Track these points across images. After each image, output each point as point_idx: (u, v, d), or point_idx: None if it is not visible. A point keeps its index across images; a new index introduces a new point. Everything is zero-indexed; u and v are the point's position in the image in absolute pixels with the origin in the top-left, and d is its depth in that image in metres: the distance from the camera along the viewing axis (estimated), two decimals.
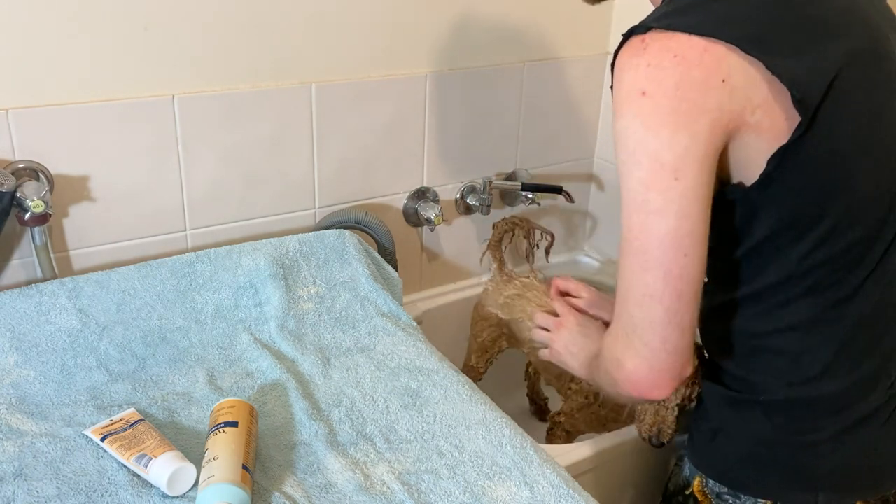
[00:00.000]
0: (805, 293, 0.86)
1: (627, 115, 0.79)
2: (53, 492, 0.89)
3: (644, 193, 0.80)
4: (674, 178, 0.78)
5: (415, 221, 1.58)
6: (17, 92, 1.15)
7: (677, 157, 0.77)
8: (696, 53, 0.77)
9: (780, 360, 0.89)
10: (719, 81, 0.77)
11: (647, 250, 0.81)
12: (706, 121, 0.77)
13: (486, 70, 1.56)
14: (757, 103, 0.78)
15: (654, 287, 0.81)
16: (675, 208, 0.79)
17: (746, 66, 0.77)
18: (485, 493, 0.92)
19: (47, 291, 1.15)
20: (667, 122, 0.77)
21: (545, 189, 1.62)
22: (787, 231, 0.84)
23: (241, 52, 1.30)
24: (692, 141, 0.77)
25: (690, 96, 0.77)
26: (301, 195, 1.44)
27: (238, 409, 0.97)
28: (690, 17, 0.79)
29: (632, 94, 0.79)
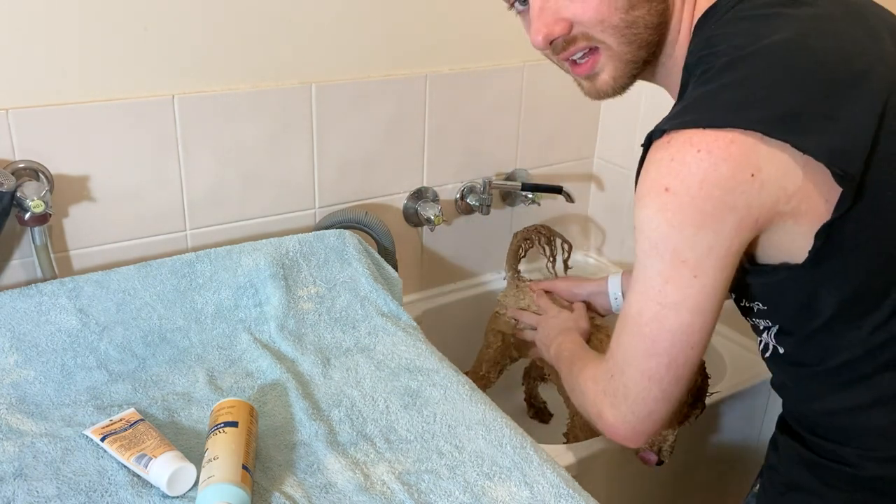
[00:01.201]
0: (885, 367, 0.80)
1: (651, 207, 0.77)
2: (53, 492, 0.89)
3: (661, 286, 0.78)
4: (693, 275, 0.77)
5: (415, 221, 1.58)
6: (17, 92, 1.15)
7: (699, 257, 0.76)
8: (722, 146, 0.73)
9: (869, 436, 0.83)
10: (748, 176, 0.73)
11: (657, 340, 0.81)
12: (733, 219, 0.74)
13: (486, 70, 1.56)
14: (792, 192, 0.74)
15: (655, 371, 0.82)
16: (691, 304, 0.78)
17: (776, 152, 0.72)
18: (485, 493, 0.92)
19: (47, 291, 1.15)
20: (691, 221, 0.74)
21: (545, 189, 1.62)
22: (853, 306, 0.79)
23: (241, 52, 1.30)
24: (716, 240, 0.75)
25: (716, 194, 0.73)
26: (301, 195, 1.44)
27: (238, 409, 0.97)
28: (705, 110, 0.75)
29: (655, 188, 0.76)
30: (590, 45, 0.86)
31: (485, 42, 1.54)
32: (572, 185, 1.79)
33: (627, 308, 0.83)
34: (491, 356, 1.46)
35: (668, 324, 0.79)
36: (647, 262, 0.79)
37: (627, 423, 0.87)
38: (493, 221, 1.71)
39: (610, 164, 1.78)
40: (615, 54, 0.85)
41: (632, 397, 0.85)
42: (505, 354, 1.46)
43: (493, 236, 1.72)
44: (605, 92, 0.91)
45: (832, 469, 0.86)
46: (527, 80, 1.62)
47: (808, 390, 0.87)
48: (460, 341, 1.57)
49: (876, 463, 0.83)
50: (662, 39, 0.86)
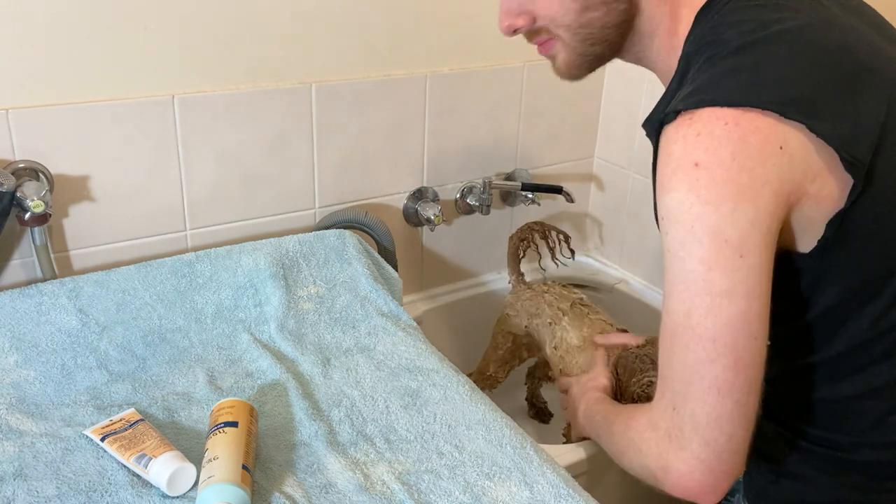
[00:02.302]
0: (882, 357, 0.80)
1: (680, 188, 0.72)
2: (53, 492, 0.89)
3: (706, 273, 0.71)
4: (739, 255, 0.71)
5: (415, 221, 1.58)
6: (17, 92, 1.15)
7: (742, 234, 0.70)
8: (748, 119, 0.71)
9: (863, 423, 0.83)
10: (777, 149, 0.71)
11: (716, 337, 0.72)
12: (769, 192, 0.71)
13: (486, 70, 1.56)
14: (816, 171, 0.72)
15: (723, 378, 0.72)
16: (744, 289, 0.71)
17: (794, 131, 0.71)
18: (485, 493, 0.92)
19: (47, 291, 1.15)
20: (727, 195, 0.70)
21: (545, 189, 1.62)
22: (854, 297, 0.78)
23: (241, 52, 1.30)
24: (756, 215, 0.71)
25: (749, 165, 0.70)
26: (301, 195, 1.44)
27: (238, 409, 0.97)
28: (720, 91, 0.74)
29: (683, 165, 0.72)
30: (549, 37, 0.88)
31: (485, 42, 1.54)
32: (572, 185, 1.79)
33: (670, 318, 0.75)
34: (500, 357, 1.46)
35: (724, 315, 0.72)
36: (684, 254, 0.73)
37: (703, 463, 0.74)
38: (493, 221, 1.71)
39: (610, 164, 1.78)
40: (567, 46, 0.87)
41: (703, 423, 0.74)
42: (514, 355, 1.46)
43: (493, 236, 1.72)
44: (562, 74, 0.92)
45: (824, 455, 0.86)
46: (527, 80, 1.62)
47: (798, 381, 0.86)
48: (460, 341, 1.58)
49: (871, 448, 0.83)
50: (629, 33, 0.86)
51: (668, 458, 0.76)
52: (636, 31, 0.87)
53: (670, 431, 0.76)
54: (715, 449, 0.74)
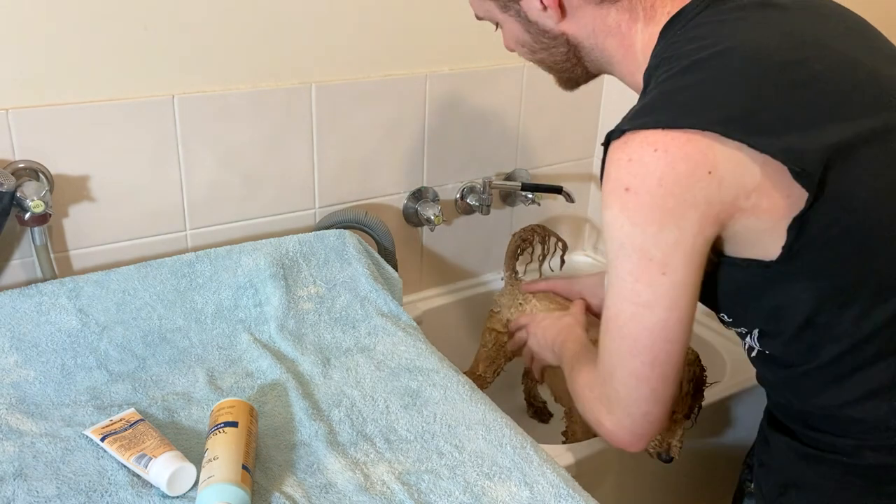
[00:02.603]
0: (876, 358, 0.81)
1: (614, 207, 0.78)
2: (53, 492, 0.89)
3: (633, 284, 0.80)
4: (661, 272, 0.78)
5: (415, 221, 1.58)
6: (17, 92, 1.15)
7: (665, 254, 0.77)
8: (679, 145, 0.74)
9: (863, 427, 0.84)
10: (705, 173, 0.74)
11: (637, 339, 0.82)
12: (694, 215, 0.76)
13: (486, 70, 1.56)
14: (751, 188, 0.75)
15: (641, 371, 0.83)
16: (665, 302, 0.79)
17: (733, 151, 0.74)
18: (485, 493, 0.92)
19: (47, 291, 1.15)
20: (653, 219, 0.76)
21: (545, 189, 1.62)
22: (829, 302, 0.80)
23: (241, 52, 1.30)
24: (681, 236, 0.76)
25: (676, 191, 0.75)
26: (301, 195, 1.44)
27: (238, 409, 0.97)
28: (662, 112, 0.77)
29: (617, 189, 0.78)
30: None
31: (485, 42, 1.54)
32: (572, 185, 1.79)
33: (606, 311, 0.85)
34: (487, 355, 1.47)
35: (645, 322, 0.81)
36: (617, 263, 0.81)
37: (625, 428, 0.88)
38: (493, 221, 1.71)
39: None
40: (544, 69, 1.00)
41: (624, 400, 0.86)
42: (500, 353, 1.47)
43: (493, 236, 1.72)
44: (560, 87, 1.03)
45: (828, 460, 0.86)
46: (527, 80, 1.62)
47: (798, 388, 0.87)
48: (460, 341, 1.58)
49: (872, 452, 0.83)
50: (586, 62, 0.94)
51: (599, 417, 0.91)
52: (592, 61, 0.93)
53: (600, 397, 0.90)
54: (634, 420, 0.86)
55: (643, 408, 0.85)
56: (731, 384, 1.43)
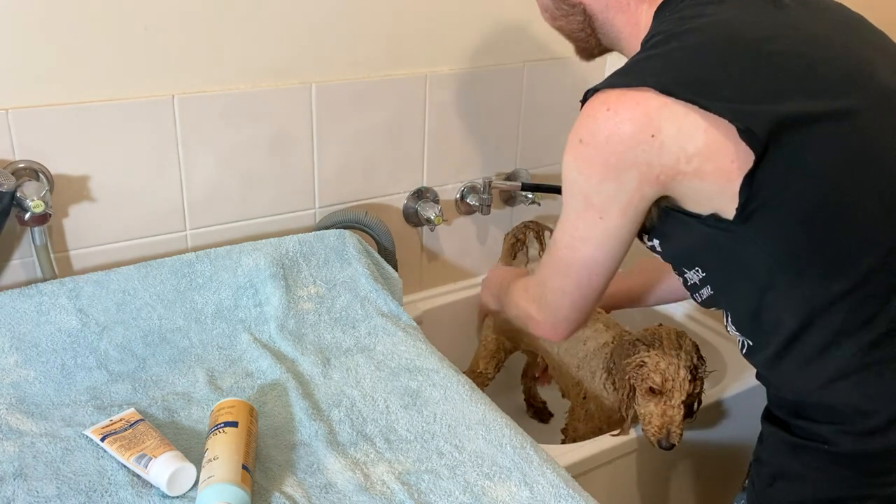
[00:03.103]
0: (838, 336, 0.82)
1: (569, 155, 0.89)
2: (53, 492, 0.89)
3: (574, 221, 0.93)
4: (599, 217, 0.89)
5: (415, 221, 1.58)
6: (17, 92, 1.15)
7: (604, 202, 0.88)
8: (628, 107, 0.81)
9: (841, 412, 0.85)
10: (648, 136, 0.81)
11: (569, 265, 0.97)
12: (634, 174, 0.84)
13: (486, 70, 1.56)
14: (692, 152, 0.80)
15: (567, 287, 1.00)
16: (596, 242, 0.92)
17: (680, 113, 0.79)
18: (485, 493, 0.92)
19: (47, 291, 1.15)
20: (596, 172, 0.86)
21: (545, 189, 1.62)
22: (786, 267, 0.82)
23: (242, 52, 1.30)
24: (618, 190, 0.86)
25: (619, 150, 0.83)
26: (301, 195, 1.44)
27: (238, 409, 0.97)
28: (628, 75, 0.84)
29: (573, 139, 0.88)
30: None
31: (485, 42, 1.54)
32: None
33: (554, 233, 0.99)
34: (487, 352, 1.48)
35: (577, 254, 0.95)
36: (567, 200, 0.93)
37: (548, 323, 1.06)
38: (493, 221, 1.71)
39: None
40: (565, 37, 1.08)
41: (550, 305, 1.04)
42: (499, 348, 1.48)
43: (493, 236, 1.72)
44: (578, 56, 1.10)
45: (812, 449, 0.88)
46: (527, 80, 1.62)
47: (778, 373, 0.90)
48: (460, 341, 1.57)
49: (852, 438, 0.84)
50: (599, 35, 1.01)
51: (530, 311, 1.09)
52: (603, 34, 1.01)
53: (533, 297, 1.08)
54: (557, 319, 1.05)
55: (564, 313, 1.03)
56: (731, 384, 1.43)
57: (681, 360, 1.13)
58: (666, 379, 1.13)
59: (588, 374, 1.29)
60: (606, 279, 0.98)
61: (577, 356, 1.31)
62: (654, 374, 1.13)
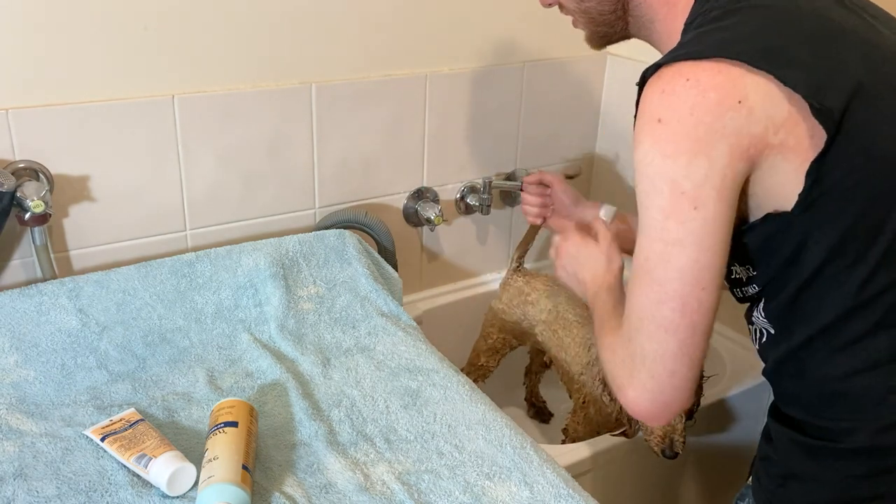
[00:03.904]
0: (877, 326, 0.80)
1: (646, 143, 0.78)
2: (53, 492, 0.89)
3: (663, 222, 0.78)
4: (693, 207, 0.76)
5: (415, 221, 1.58)
6: (17, 92, 1.15)
7: (696, 186, 0.76)
8: (709, 75, 0.76)
9: (862, 404, 0.83)
10: (735, 102, 0.75)
11: (665, 282, 0.79)
12: (724, 146, 0.75)
13: (486, 70, 1.56)
14: (780, 122, 0.75)
15: (670, 320, 0.79)
16: (694, 240, 0.77)
17: (762, 82, 0.75)
18: (485, 493, 0.92)
19: (47, 291, 1.15)
20: (684, 149, 0.76)
21: None
22: (838, 257, 0.79)
23: (241, 52, 1.30)
24: (711, 168, 0.76)
25: (706, 120, 0.75)
26: (301, 195, 1.44)
27: (238, 409, 0.97)
28: (695, 45, 0.79)
29: (649, 122, 0.78)
30: (572, 15, 1.01)
31: (485, 42, 1.54)
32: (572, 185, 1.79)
33: (636, 259, 0.82)
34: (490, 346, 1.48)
35: (674, 262, 0.78)
36: (648, 202, 0.79)
37: (648, 391, 0.82)
38: (493, 221, 1.71)
39: (610, 164, 1.78)
40: (582, 24, 1.00)
41: (650, 357, 0.81)
42: (505, 343, 1.48)
43: (493, 236, 1.72)
44: (587, 43, 1.03)
45: (827, 449, 0.86)
46: (527, 80, 1.62)
47: (802, 361, 0.87)
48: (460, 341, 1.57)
49: (867, 433, 0.83)
50: (628, 17, 0.95)
51: (622, 382, 0.85)
52: (636, 17, 0.94)
53: (625, 359, 0.84)
54: (658, 382, 0.81)
55: (669, 365, 0.80)
56: (732, 384, 1.43)
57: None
58: None
59: (590, 380, 1.29)
60: (715, 299, 0.79)
61: (581, 362, 1.31)
62: None
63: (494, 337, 1.48)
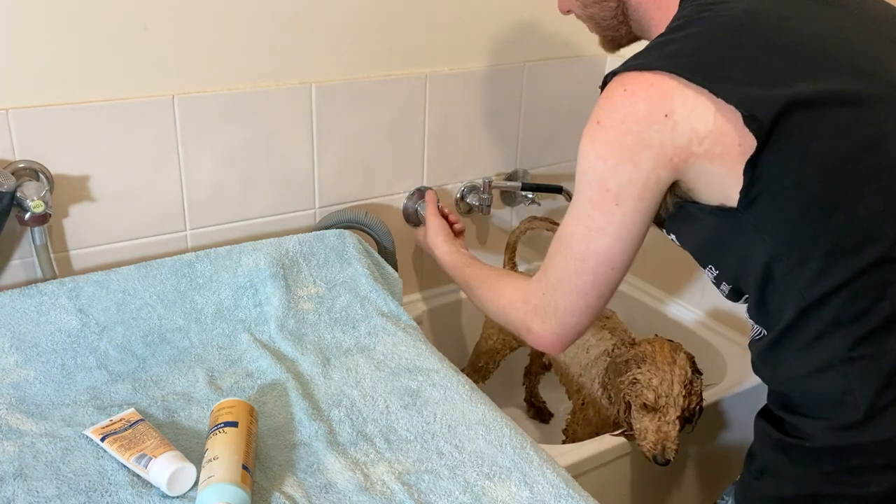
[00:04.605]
0: (832, 326, 0.82)
1: (586, 139, 0.89)
2: (53, 492, 0.89)
3: (590, 210, 0.90)
4: (615, 203, 0.87)
5: (415, 221, 1.58)
6: (17, 92, 1.15)
7: (620, 186, 0.86)
8: (643, 88, 0.83)
9: (823, 404, 0.85)
10: (662, 116, 0.82)
11: (585, 260, 0.92)
12: (649, 154, 0.84)
13: (486, 70, 1.56)
14: (703, 134, 0.81)
15: (581, 287, 0.94)
16: (614, 230, 0.89)
17: (692, 96, 0.81)
18: (485, 493, 0.92)
19: (47, 291, 1.15)
20: (613, 152, 0.86)
21: (545, 189, 1.62)
22: (785, 255, 0.82)
23: (241, 52, 1.30)
24: (635, 172, 0.85)
25: (634, 129, 0.83)
26: (301, 195, 1.44)
27: (238, 409, 0.97)
28: (644, 57, 0.85)
29: (592, 122, 0.88)
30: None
31: (485, 42, 1.54)
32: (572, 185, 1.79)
33: (562, 230, 0.95)
34: (490, 347, 1.48)
35: (594, 246, 0.91)
36: (581, 189, 0.91)
37: (555, 334, 0.99)
38: (493, 221, 1.71)
39: None
40: (591, 29, 1.08)
41: (561, 311, 0.97)
42: (505, 345, 1.48)
43: (493, 236, 1.72)
44: (603, 48, 1.10)
45: (795, 446, 0.88)
46: (527, 80, 1.62)
47: (773, 361, 0.90)
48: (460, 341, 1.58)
49: (828, 432, 0.85)
50: (630, 22, 1.02)
51: (532, 325, 1.01)
52: (635, 20, 1.01)
53: (537, 308, 1.00)
54: (566, 328, 0.98)
55: (576, 318, 0.97)
56: (732, 384, 1.43)
57: (674, 374, 1.13)
58: (659, 395, 1.13)
59: (589, 381, 1.29)
60: (621, 275, 0.94)
61: (580, 363, 1.31)
62: (648, 391, 1.13)
63: (494, 338, 1.49)
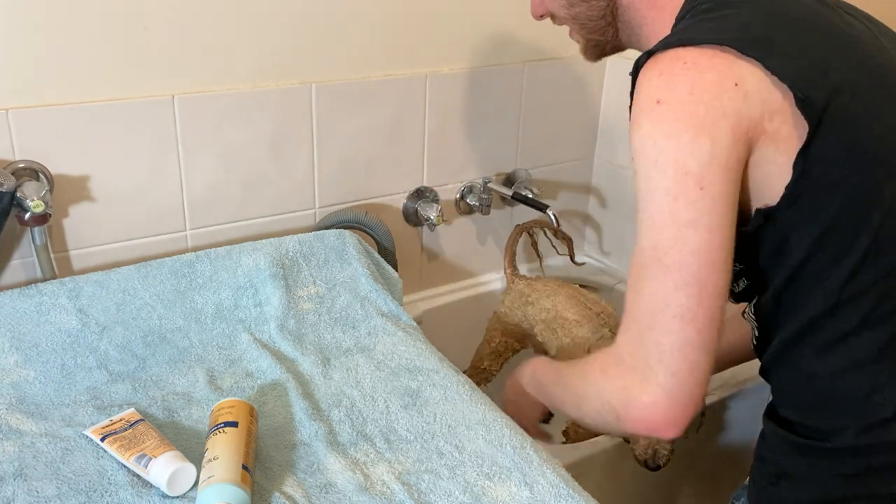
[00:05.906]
0: (861, 324, 0.80)
1: (645, 124, 0.77)
2: (53, 492, 0.89)
3: (671, 204, 0.75)
4: (699, 187, 0.74)
5: (415, 221, 1.58)
6: (17, 92, 1.15)
7: (702, 165, 0.74)
8: (706, 58, 0.76)
9: (848, 403, 0.82)
10: (732, 84, 0.75)
11: (681, 266, 0.74)
12: (726, 125, 0.74)
13: (486, 70, 1.56)
14: (774, 108, 0.75)
15: (687, 307, 0.75)
16: (706, 221, 0.74)
17: (751, 68, 0.76)
18: (485, 493, 0.92)
19: (47, 291, 1.15)
20: (686, 127, 0.74)
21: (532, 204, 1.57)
22: (821, 252, 0.79)
23: (241, 52, 1.30)
24: (714, 145, 0.74)
25: (706, 99, 0.75)
26: (301, 195, 1.44)
27: (238, 409, 0.97)
28: (687, 33, 0.81)
29: (648, 104, 0.77)
30: (566, 24, 1.02)
31: (485, 42, 1.54)
32: (572, 186, 1.79)
33: (638, 255, 0.78)
34: (493, 349, 1.48)
35: (689, 244, 0.74)
36: (651, 186, 0.76)
37: (667, 393, 0.75)
38: (493, 221, 1.71)
39: (610, 164, 1.78)
40: (576, 33, 1.01)
41: (667, 351, 0.75)
42: (508, 347, 1.48)
43: (493, 236, 1.72)
44: (583, 55, 1.04)
45: (816, 448, 0.86)
46: (527, 80, 1.62)
47: (788, 361, 0.87)
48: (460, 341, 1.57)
49: (853, 432, 0.83)
50: (618, 23, 0.96)
51: (632, 391, 0.78)
52: (624, 22, 0.96)
53: (635, 364, 0.78)
54: (679, 379, 0.75)
55: (691, 357, 0.75)
56: (731, 384, 1.43)
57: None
58: None
59: None
60: (726, 284, 0.76)
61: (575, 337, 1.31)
62: None
63: (497, 340, 1.49)
